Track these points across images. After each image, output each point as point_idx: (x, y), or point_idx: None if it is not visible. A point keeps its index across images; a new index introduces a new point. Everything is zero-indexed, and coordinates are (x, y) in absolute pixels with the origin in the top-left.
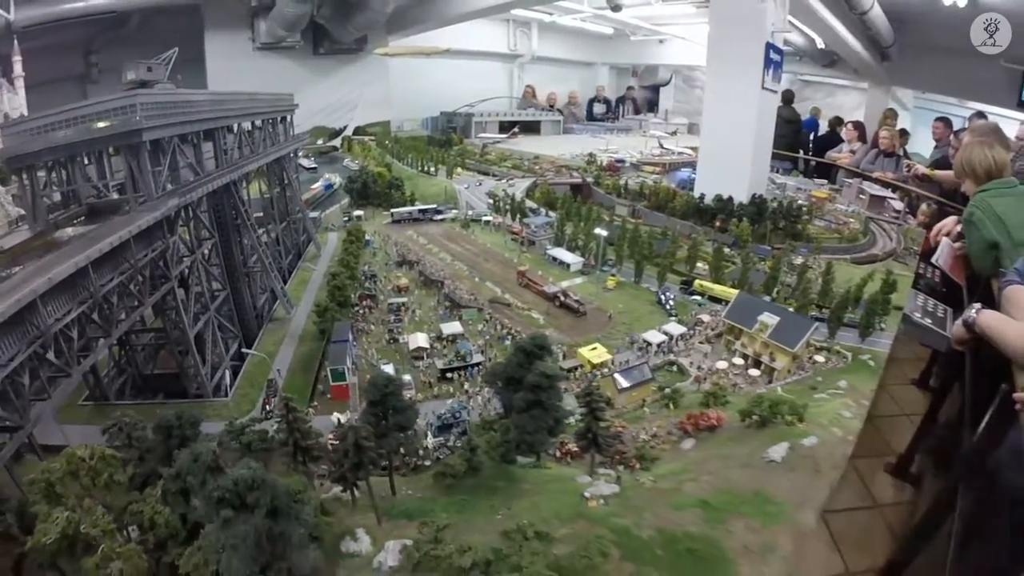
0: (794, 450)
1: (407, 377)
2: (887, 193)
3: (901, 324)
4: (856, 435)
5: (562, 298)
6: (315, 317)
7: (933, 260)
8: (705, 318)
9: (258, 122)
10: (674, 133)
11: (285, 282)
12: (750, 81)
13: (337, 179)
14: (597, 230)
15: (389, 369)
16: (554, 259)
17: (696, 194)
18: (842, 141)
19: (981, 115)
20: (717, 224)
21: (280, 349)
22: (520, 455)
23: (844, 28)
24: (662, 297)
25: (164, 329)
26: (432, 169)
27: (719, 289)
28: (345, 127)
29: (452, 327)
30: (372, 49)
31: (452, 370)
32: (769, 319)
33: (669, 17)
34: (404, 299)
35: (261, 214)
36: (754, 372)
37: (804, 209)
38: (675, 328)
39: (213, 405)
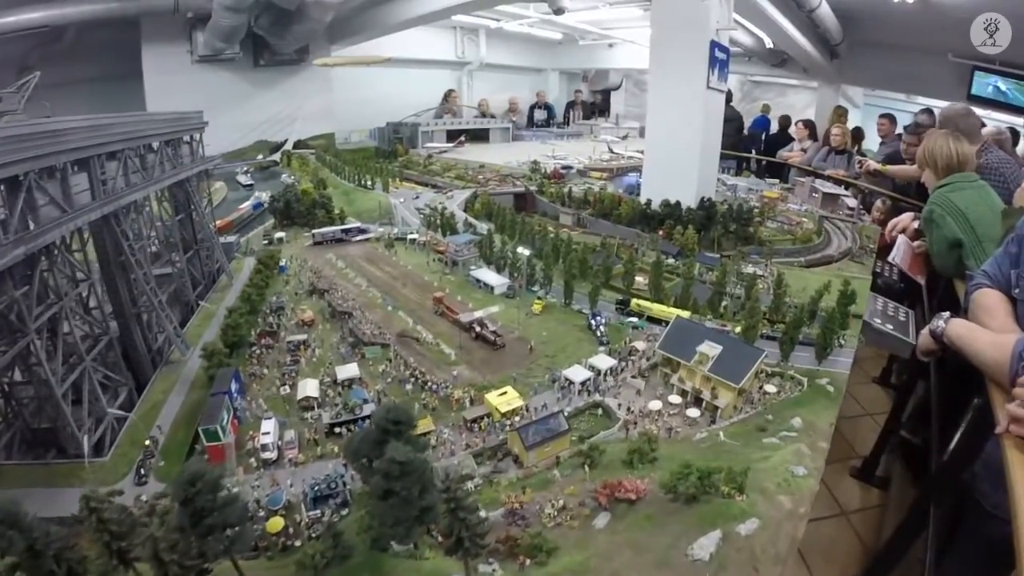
0: (727, 540)
1: (290, 433)
2: (840, 191)
3: (861, 334)
4: (811, 503)
5: (478, 329)
6: (204, 362)
7: (890, 258)
8: (640, 345)
9: (154, 145)
10: (625, 137)
11: (189, 318)
12: (695, 81)
13: (267, 197)
14: (520, 248)
15: (271, 424)
16: (478, 281)
17: (642, 200)
18: (793, 140)
19: (928, 111)
20: (661, 232)
21: (168, 399)
22: (394, 541)
23: (792, 26)
24: (593, 322)
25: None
26: (370, 183)
27: (658, 308)
28: (285, 141)
29: (349, 370)
30: (313, 60)
31: (340, 424)
32: (710, 349)
33: (617, 21)
34: (304, 336)
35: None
36: (693, 412)
37: (756, 211)
38: (603, 361)
39: (91, 467)
